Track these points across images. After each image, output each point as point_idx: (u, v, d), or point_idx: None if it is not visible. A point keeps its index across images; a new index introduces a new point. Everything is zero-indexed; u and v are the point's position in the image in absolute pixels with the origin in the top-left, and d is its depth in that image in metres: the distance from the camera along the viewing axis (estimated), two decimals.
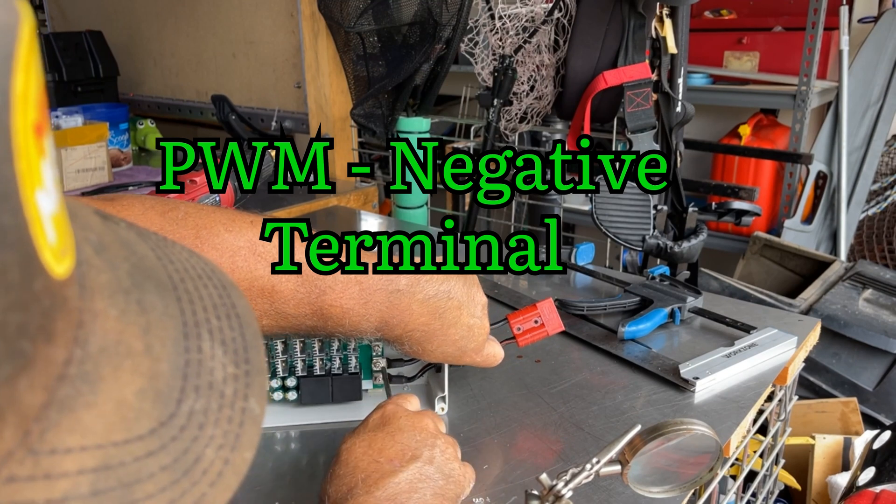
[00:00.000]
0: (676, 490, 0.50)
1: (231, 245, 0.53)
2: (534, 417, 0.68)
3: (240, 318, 0.29)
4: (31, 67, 0.19)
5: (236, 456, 0.25)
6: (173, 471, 0.23)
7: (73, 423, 0.21)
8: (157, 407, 0.23)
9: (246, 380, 0.27)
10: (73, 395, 0.21)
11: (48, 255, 0.20)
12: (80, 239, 0.23)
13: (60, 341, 0.21)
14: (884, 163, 2.46)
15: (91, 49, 1.94)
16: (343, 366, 0.67)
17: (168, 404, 0.24)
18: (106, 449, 0.21)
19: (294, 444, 0.66)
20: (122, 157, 1.72)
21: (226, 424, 0.25)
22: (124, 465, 0.22)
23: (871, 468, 1.09)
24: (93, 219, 0.25)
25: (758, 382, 0.73)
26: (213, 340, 0.27)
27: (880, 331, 1.60)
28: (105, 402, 0.22)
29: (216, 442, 0.25)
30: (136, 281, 0.25)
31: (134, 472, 0.22)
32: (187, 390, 0.25)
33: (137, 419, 0.22)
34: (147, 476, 0.22)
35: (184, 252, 0.29)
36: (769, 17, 2.47)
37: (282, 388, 0.67)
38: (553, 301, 0.69)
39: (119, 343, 0.23)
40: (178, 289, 0.27)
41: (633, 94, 1.13)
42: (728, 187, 2.02)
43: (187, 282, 0.28)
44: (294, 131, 1.74)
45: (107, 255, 0.24)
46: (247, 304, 0.30)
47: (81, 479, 0.20)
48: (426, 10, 1.33)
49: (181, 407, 0.24)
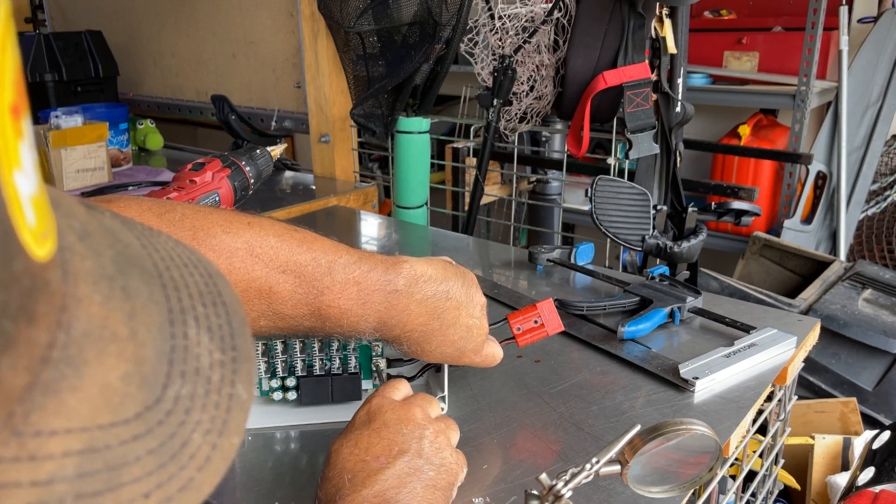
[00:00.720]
0: (676, 490, 0.50)
1: (228, 246, 0.53)
2: (533, 417, 0.68)
3: (226, 305, 0.29)
4: (7, 48, 0.19)
5: (224, 441, 0.26)
6: (160, 455, 0.23)
7: (58, 406, 0.21)
8: (142, 391, 0.23)
9: (233, 366, 0.27)
10: (58, 379, 0.21)
11: (28, 237, 0.20)
12: (63, 226, 0.23)
13: (43, 324, 0.20)
14: (883, 163, 2.47)
15: (91, 49, 1.94)
16: (343, 366, 0.67)
17: (154, 389, 0.24)
18: (91, 432, 0.21)
19: (294, 444, 0.66)
20: (121, 157, 1.72)
21: (213, 410, 0.25)
22: (110, 448, 0.22)
23: (870, 468, 1.09)
24: (77, 207, 0.25)
25: (757, 382, 0.73)
26: (199, 327, 0.27)
27: (880, 331, 1.60)
28: (90, 386, 0.22)
29: (203, 427, 0.25)
30: (121, 268, 0.25)
31: (120, 455, 0.22)
32: (173, 375, 0.25)
33: (123, 403, 0.22)
34: (134, 459, 0.22)
35: (169, 241, 0.29)
36: (769, 18, 2.47)
37: (281, 388, 0.68)
38: (553, 301, 0.69)
39: (103, 328, 0.23)
40: (163, 276, 0.27)
41: (632, 94, 1.14)
42: (728, 187, 2.02)
43: (172, 270, 0.28)
44: (294, 131, 1.74)
45: (90, 242, 0.24)
46: (233, 293, 0.30)
47: (67, 462, 0.20)
48: (426, 10, 1.33)
49: (167, 392, 0.24)
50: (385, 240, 1.29)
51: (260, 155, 1.09)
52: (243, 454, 0.64)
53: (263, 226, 0.55)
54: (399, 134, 1.44)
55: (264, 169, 1.11)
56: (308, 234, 0.57)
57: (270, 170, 1.12)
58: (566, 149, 1.33)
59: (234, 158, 1.05)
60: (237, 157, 1.05)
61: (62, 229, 0.23)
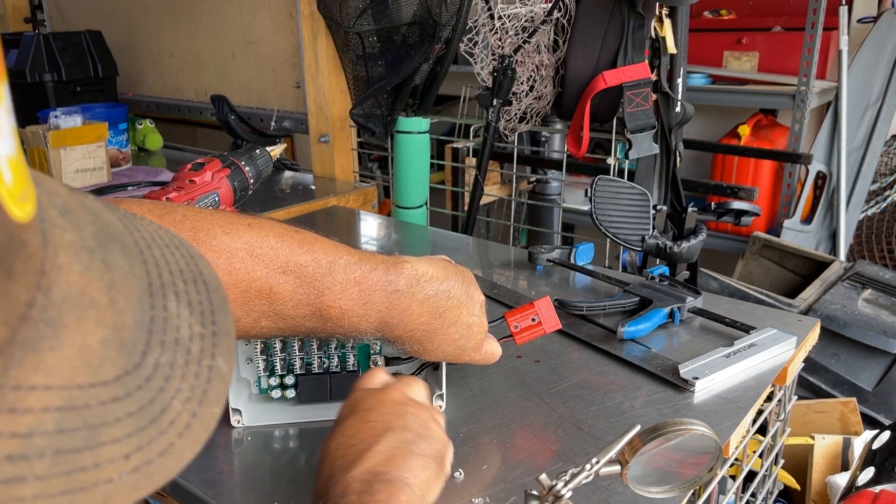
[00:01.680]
0: (676, 490, 0.50)
1: (228, 247, 0.53)
2: (533, 417, 0.68)
3: (207, 284, 0.30)
4: None
5: (204, 410, 0.26)
6: (140, 418, 0.24)
7: (37, 363, 0.21)
8: (121, 356, 0.24)
9: (213, 339, 0.28)
10: (37, 338, 0.21)
11: (5, 195, 0.20)
12: (45, 202, 0.23)
13: (21, 281, 0.21)
14: (883, 163, 2.46)
15: (90, 49, 1.94)
16: (341, 364, 0.67)
17: (133, 355, 0.25)
18: (70, 390, 0.22)
19: (292, 441, 0.66)
20: (121, 157, 1.72)
21: (193, 379, 0.26)
22: (89, 407, 0.22)
23: (870, 468, 1.09)
24: (59, 187, 0.26)
25: (757, 382, 0.72)
26: (179, 301, 0.28)
27: (879, 331, 1.60)
28: (69, 347, 0.22)
29: (183, 395, 0.26)
30: (101, 242, 0.25)
31: (100, 414, 0.23)
32: (153, 344, 0.26)
33: (102, 365, 0.23)
34: (113, 420, 0.23)
35: (152, 225, 0.30)
36: (768, 18, 2.47)
37: (280, 387, 0.68)
38: (550, 299, 0.69)
39: (83, 295, 0.23)
40: (143, 253, 0.28)
41: (632, 94, 1.13)
42: (727, 187, 2.02)
43: (153, 248, 0.29)
44: (293, 131, 1.74)
45: (72, 217, 0.25)
46: (214, 274, 0.31)
47: (46, 417, 0.21)
48: (425, 10, 1.33)
49: (147, 358, 0.25)
50: (385, 240, 1.29)
51: (259, 155, 1.09)
52: (242, 452, 0.64)
53: (264, 227, 0.55)
54: (399, 134, 1.44)
55: (264, 169, 1.11)
56: (308, 234, 0.57)
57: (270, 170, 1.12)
58: (566, 149, 1.33)
59: (233, 158, 1.05)
60: (237, 157, 1.05)
61: (44, 204, 0.23)
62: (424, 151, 1.46)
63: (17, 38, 1.87)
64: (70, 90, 1.89)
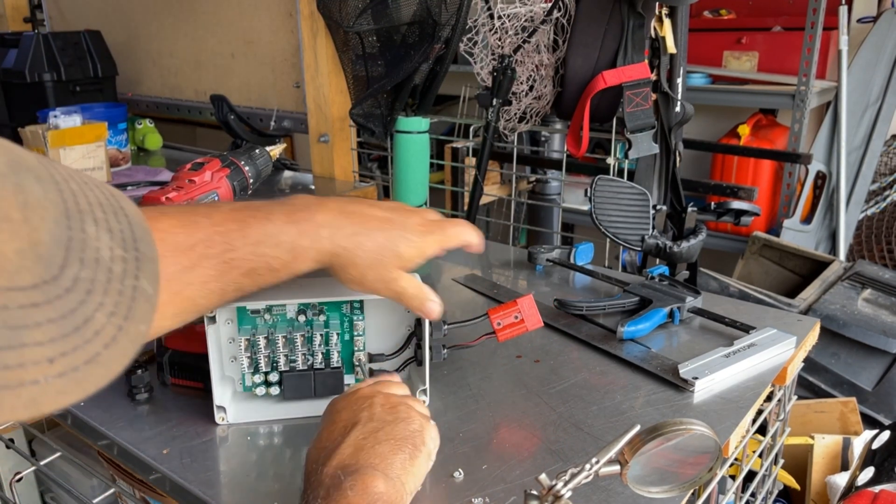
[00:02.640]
0: (676, 490, 0.50)
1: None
2: (533, 417, 0.68)
3: (128, 217, 0.31)
4: None
5: (130, 325, 0.28)
6: (62, 326, 0.25)
7: None
8: (38, 266, 0.25)
9: (136, 263, 0.29)
10: None
11: None
12: None
13: None
14: (883, 163, 2.46)
15: (89, 49, 1.94)
16: (325, 360, 0.68)
17: (51, 267, 0.26)
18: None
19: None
20: (120, 157, 1.71)
21: (116, 296, 0.28)
22: (7, 308, 0.23)
23: (870, 468, 1.09)
24: None
25: (757, 382, 0.72)
26: (98, 227, 0.29)
27: (879, 331, 1.60)
28: None
29: (107, 309, 0.27)
30: (14, 170, 0.26)
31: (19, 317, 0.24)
32: (71, 260, 0.26)
33: (18, 272, 0.24)
34: (34, 324, 0.24)
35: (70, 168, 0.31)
36: (768, 17, 2.47)
37: (265, 384, 0.68)
38: (534, 297, 0.70)
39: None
40: (59, 184, 0.29)
41: (632, 93, 1.13)
42: (727, 187, 2.01)
43: (70, 182, 0.29)
44: (293, 131, 1.74)
45: None
46: (137, 210, 0.32)
47: None
48: (425, 9, 1.32)
49: (65, 272, 0.26)
50: None
51: (259, 155, 1.09)
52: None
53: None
54: (398, 134, 1.44)
55: (263, 169, 1.11)
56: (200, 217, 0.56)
57: (269, 169, 1.12)
58: (565, 149, 1.32)
59: (233, 158, 1.05)
60: (236, 157, 1.05)
61: None
62: (424, 151, 1.46)
63: (17, 38, 1.86)
64: (69, 90, 1.89)
